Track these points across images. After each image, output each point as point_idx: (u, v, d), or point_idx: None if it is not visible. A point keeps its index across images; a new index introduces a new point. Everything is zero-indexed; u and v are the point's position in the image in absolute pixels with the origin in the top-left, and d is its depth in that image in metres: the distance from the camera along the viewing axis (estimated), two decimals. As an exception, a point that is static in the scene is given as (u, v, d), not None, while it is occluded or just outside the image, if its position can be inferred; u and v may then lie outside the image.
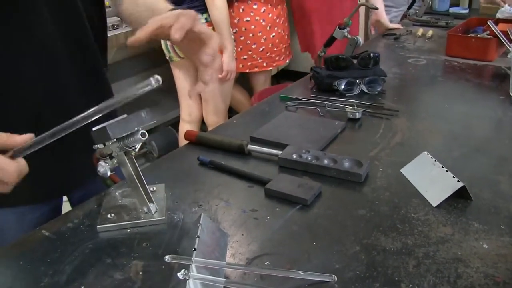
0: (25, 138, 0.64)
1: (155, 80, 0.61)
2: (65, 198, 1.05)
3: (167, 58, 2.50)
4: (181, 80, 2.56)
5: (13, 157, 0.63)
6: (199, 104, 2.63)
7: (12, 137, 0.63)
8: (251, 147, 0.98)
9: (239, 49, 2.59)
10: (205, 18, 2.27)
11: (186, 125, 2.68)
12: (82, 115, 0.63)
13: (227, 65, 2.36)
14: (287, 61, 2.83)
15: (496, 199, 0.79)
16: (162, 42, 2.41)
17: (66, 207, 0.95)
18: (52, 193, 0.97)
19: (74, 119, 0.63)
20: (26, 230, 0.82)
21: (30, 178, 0.90)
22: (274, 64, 2.74)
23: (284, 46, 2.72)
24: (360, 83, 1.31)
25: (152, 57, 2.80)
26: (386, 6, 2.76)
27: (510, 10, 1.92)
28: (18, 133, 0.64)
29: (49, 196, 0.97)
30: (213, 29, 2.28)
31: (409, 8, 2.53)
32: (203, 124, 2.76)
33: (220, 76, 2.41)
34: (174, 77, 2.57)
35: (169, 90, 3.30)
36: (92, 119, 0.64)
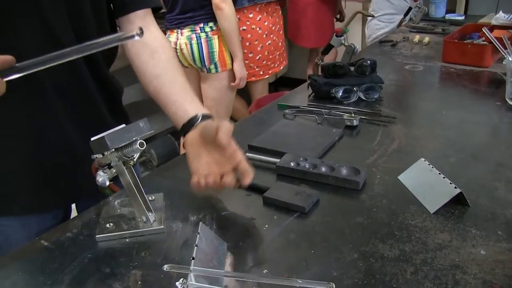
0: (2, 58, 0.60)
1: (138, 32, 0.61)
2: (74, 212, 1.05)
3: None
4: None
5: None
6: None
7: None
8: (249, 155, 0.98)
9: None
10: (210, 27, 2.29)
11: None
12: (64, 50, 0.61)
13: (239, 73, 2.38)
14: (282, 67, 2.85)
15: (493, 205, 0.79)
16: None
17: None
18: (58, 201, 0.97)
19: (55, 53, 0.61)
20: None
21: (35, 186, 0.91)
22: (270, 72, 2.76)
23: (278, 53, 2.74)
24: (357, 91, 1.32)
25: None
26: (389, 14, 2.80)
27: (505, 17, 1.94)
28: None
29: (55, 205, 0.97)
30: (219, 37, 2.30)
31: (405, 15, 2.55)
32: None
33: (233, 84, 2.42)
34: None
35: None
36: (72, 58, 0.62)
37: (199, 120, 0.86)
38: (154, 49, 0.94)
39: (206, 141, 0.81)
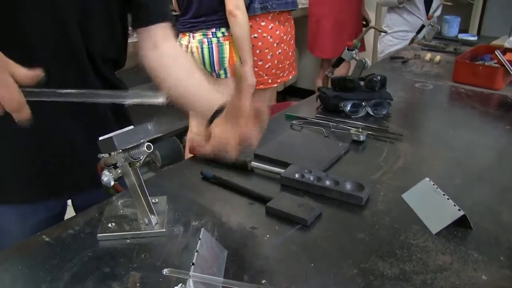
0: (32, 74, 0.62)
1: (162, 99, 0.63)
2: (69, 207, 1.06)
3: None
4: None
5: None
6: None
7: (19, 68, 0.62)
8: (254, 164, 0.99)
9: (245, 65, 2.61)
10: (222, 33, 2.30)
11: (194, 137, 2.69)
12: (92, 91, 0.65)
13: (248, 79, 2.39)
14: (291, 77, 2.86)
15: (497, 230, 0.79)
16: None
17: (68, 215, 0.95)
18: (53, 193, 0.98)
19: (83, 90, 0.65)
20: (28, 233, 0.82)
21: (32, 175, 0.92)
22: (279, 81, 2.76)
23: (288, 62, 2.74)
24: (366, 106, 1.32)
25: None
26: (403, 31, 2.81)
27: (518, 40, 1.94)
28: None
29: (50, 195, 0.98)
30: (230, 43, 2.31)
31: (418, 32, 2.55)
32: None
33: None
34: None
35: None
36: (98, 100, 0.66)
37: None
38: (175, 57, 0.98)
39: (228, 118, 0.86)
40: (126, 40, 1.00)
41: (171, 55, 0.98)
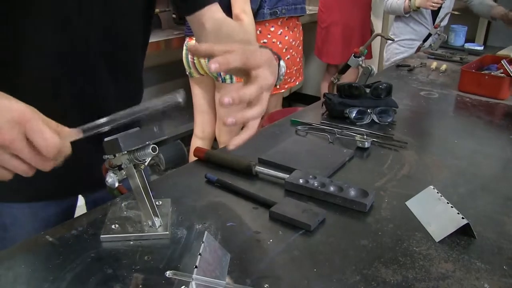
0: (73, 132, 0.64)
1: (180, 97, 0.64)
2: (79, 203, 1.06)
3: (186, 73, 2.53)
4: (199, 97, 2.59)
5: None
6: (213, 121, 2.66)
7: (61, 128, 0.62)
8: (258, 168, 0.99)
9: (253, 70, 2.62)
10: None
11: (199, 141, 2.70)
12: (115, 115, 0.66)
13: None
14: (298, 83, 2.86)
15: (500, 240, 0.79)
16: (184, 56, 2.45)
17: (78, 212, 0.96)
18: (66, 191, 0.99)
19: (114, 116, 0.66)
20: (38, 229, 0.82)
21: (50, 174, 0.92)
22: (286, 86, 2.77)
23: (295, 68, 2.75)
24: (371, 113, 1.32)
25: (170, 69, 2.84)
26: (409, 39, 2.82)
27: (525, 50, 1.93)
28: None
29: (63, 194, 0.99)
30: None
31: (424, 40, 2.56)
32: (215, 142, 2.77)
33: None
34: (191, 93, 2.60)
35: (184, 104, 3.33)
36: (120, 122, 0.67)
37: None
38: (216, 31, 0.97)
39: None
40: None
41: (213, 31, 0.96)
